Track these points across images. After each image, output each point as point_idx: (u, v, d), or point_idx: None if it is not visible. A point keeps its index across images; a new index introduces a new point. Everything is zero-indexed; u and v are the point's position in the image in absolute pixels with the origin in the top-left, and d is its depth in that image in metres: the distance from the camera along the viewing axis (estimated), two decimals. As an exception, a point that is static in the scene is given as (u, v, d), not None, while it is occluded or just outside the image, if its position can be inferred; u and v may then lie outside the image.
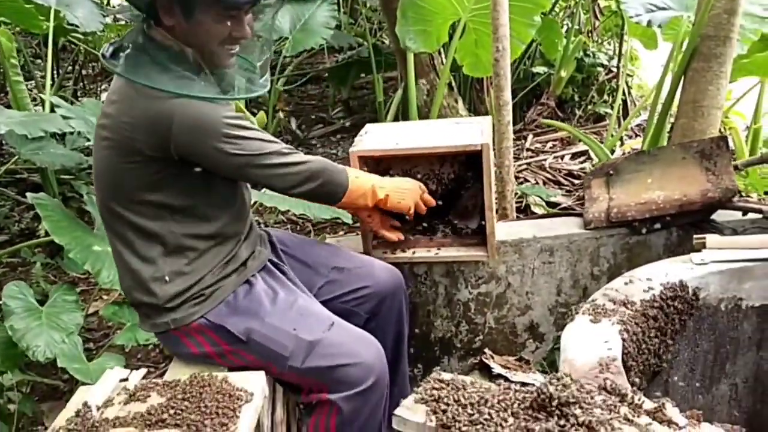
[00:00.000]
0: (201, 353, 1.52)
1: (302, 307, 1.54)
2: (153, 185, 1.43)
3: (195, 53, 1.41)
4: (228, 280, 1.53)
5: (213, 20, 1.38)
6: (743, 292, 1.50)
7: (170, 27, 1.39)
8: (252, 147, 1.42)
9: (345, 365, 1.45)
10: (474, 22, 3.05)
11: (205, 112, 1.37)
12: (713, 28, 2.42)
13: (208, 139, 1.38)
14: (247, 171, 1.45)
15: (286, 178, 1.49)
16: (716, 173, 1.88)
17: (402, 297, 1.82)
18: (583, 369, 1.13)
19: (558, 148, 4.04)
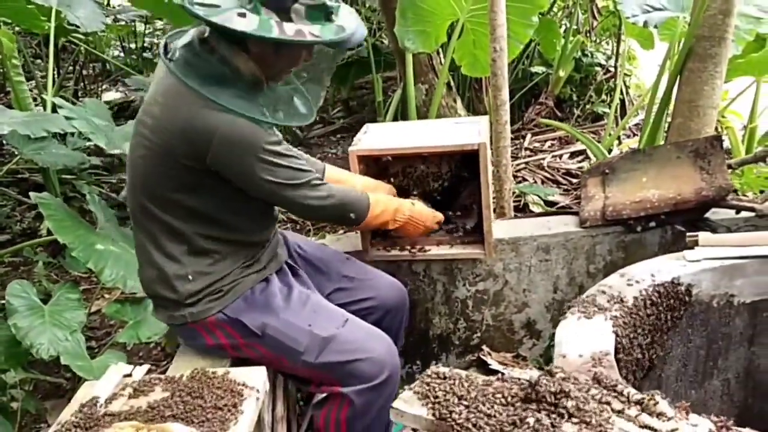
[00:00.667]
0: (216, 345, 1.55)
1: (316, 303, 1.58)
2: (186, 189, 1.45)
3: (259, 72, 1.42)
4: (248, 278, 1.56)
5: (299, 55, 1.43)
6: (735, 289, 1.53)
7: (245, 49, 1.39)
8: (284, 175, 1.45)
9: (358, 360, 1.49)
10: (472, 22, 3.08)
11: (247, 132, 1.38)
12: (708, 29, 2.45)
13: (244, 159, 1.40)
14: (275, 196, 1.49)
15: (310, 209, 1.53)
16: (710, 172, 1.91)
17: (404, 314, 1.86)
18: (577, 363, 1.16)
19: (556, 147, 4.06)
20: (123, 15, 5.14)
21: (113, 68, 5.69)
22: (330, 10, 1.34)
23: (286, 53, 1.40)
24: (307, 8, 1.31)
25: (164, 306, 1.56)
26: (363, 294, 1.77)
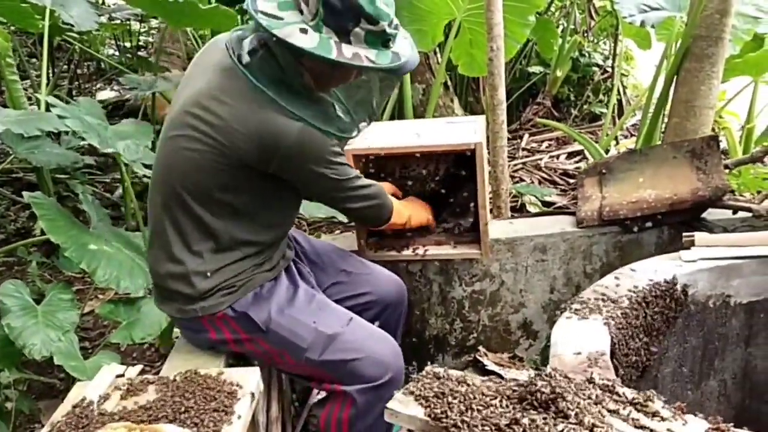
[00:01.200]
0: (219, 339, 1.55)
1: (322, 302, 1.59)
2: (233, 188, 1.46)
3: (313, 84, 1.45)
4: (259, 276, 1.56)
5: (351, 75, 1.47)
6: (731, 289, 1.52)
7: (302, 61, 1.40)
8: (345, 172, 1.53)
9: (360, 359, 1.49)
10: (469, 21, 3.07)
11: (318, 140, 1.43)
12: (705, 29, 2.45)
13: (312, 162, 1.45)
14: (333, 193, 1.57)
15: (359, 200, 1.60)
16: (707, 172, 1.90)
17: (402, 309, 1.88)
18: (572, 363, 1.15)
19: (554, 147, 4.06)
20: (118, 14, 5.12)
21: (108, 67, 5.67)
22: (388, 37, 1.36)
23: (339, 73, 1.44)
24: (366, 33, 1.32)
25: (174, 299, 1.55)
26: (361, 289, 1.77)
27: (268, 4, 1.34)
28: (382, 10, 1.31)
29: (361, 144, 1.90)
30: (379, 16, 1.31)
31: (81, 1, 3.53)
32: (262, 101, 1.37)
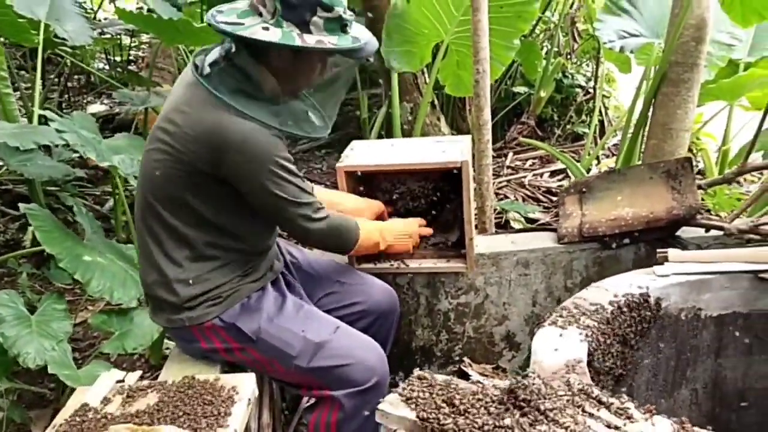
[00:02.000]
0: (210, 348, 1.60)
1: (309, 311, 1.64)
2: (198, 195, 1.51)
3: (278, 87, 1.52)
4: (245, 287, 1.61)
5: (317, 67, 1.52)
6: (702, 303, 1.61)
7: (267, 63, 1.48)
8: (290, 191, 1.51)
9: (348, 365, 1.55)
10: (456, 44, 3.17)
11: (263, 142, 1.45)
12: (682, 55, 2.56)
13: (256, 169, 1.46)
14: (277, 212, 1.54)
15: (307, 230, 1.58)
16: (681, 192, 1.99)
17: (394, 319, 1.93)
18: (551, 370, 1.22)
19: (537, 165, 4.15)
20: (110, 28, 5.18)
21: (98, 81, 5.71)
22: (345, 22, 1.44)
23: (305, 66, 1.50)
24: (325, 21, 1.41)
25: (163, 308, 1.61)
26: (353, 298, 1.83)
27: (228, 17, 1.43)
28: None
29: (352, 161, 1.97)
30: (333, 2, 1.41)
31: (76, 16, 3.58)
32: (218, 106, 1.43)
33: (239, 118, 1.42)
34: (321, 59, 1.53)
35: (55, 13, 3.44)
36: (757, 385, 1.68)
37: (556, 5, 4.90)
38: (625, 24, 2.99)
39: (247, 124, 1.43)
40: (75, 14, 3.57)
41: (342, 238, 1.68)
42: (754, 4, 2.44)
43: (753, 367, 1.67)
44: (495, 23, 2.83)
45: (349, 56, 1.54)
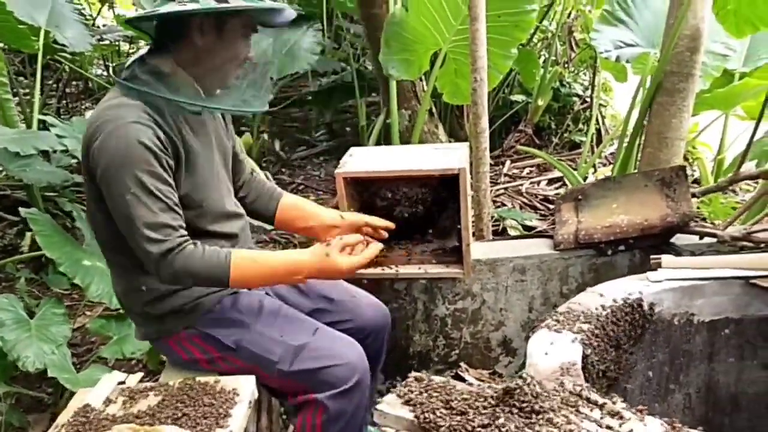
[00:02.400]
0: (190, 359, 1.60)
1: (287, 314, 1.63)
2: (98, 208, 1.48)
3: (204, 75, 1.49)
4: (207, 297, 1.60)
5: (240, 40, 1.48)
6: (695, 308, 1.63)
7: (181, 50, 1.47)
8: (137, 213, 1.37)
9: (330, 366, 1.53)
10: (454, 52, 3.20)
11: (131, 146, 1.35)
12: (677, 65, 2.59)
13: (115, 174, 1.37)
14: (121, 226, 1.42)
15: (155, 264, 1.40)
16: (675, 200, 2.02)
17: (385, 335, 1.90)
18: (546, 372, 1.24)
19: (534, 174, 4.18)
20: (108, 35, 5.21)
21: (96, 87, 5.74)
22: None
23: (220, 47, 1.46)
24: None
25: (137, 322, 1.64)
26: (343, 316, 1.79)
27: None
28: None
29: (350, 167, 1.99)
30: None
31: (76, 23, 3.62)
32: (108, 101, 1.42)
33: (123, 108, 1.39)
34: (238, 27, 1.47)
35: (55, 20, 3.48)
36: (750, 389, 1.70)
37: (553, 15, 4.95)
38: (622, 34, 3.03)
39: (125, 116, 1.37)
40: (74, 21, 3.61)
41: (208, 284, 1.51)
42: (748, 16, 2.48)
43: (745, 372, 1.69)
44: (493, 32, 2.87)
45: (267, 19, 1.52)
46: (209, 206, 1.56)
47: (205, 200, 1.55)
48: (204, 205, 1.55)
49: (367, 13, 3.45)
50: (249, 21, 1.49)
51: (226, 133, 1.70)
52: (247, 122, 4.75)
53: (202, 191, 1.54)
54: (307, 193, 4.03)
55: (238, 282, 1.46)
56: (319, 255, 1.49)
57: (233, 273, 1.43)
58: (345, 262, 1.50)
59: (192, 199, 1.51)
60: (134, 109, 1.40)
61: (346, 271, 1.51)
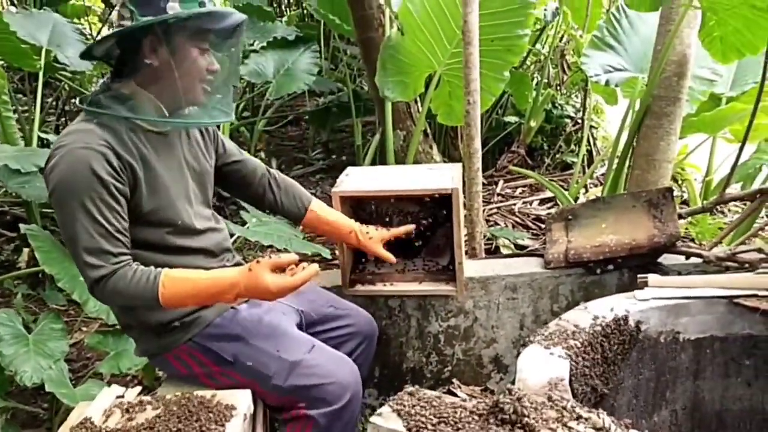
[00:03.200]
0: (189, 374, 1.64)
1: (285, 330, 1.66)
2: None
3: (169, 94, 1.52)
4: (208, 309, 1.64)
5: (195, 54, 1.50)
6: (680, 326, 1.68)
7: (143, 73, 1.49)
8: (80, 237, 1.40)
9: (323, 384, 1.57)
10: (448, 75, 3.27)
11: (79, 171, 1.38)
12: (664, 90, 2.67)
13: (61, 197, 1.40)
14: (67, 248, 1.46)
15: (85, 278, 1.44)
16: (662, 220, 2.08)
17: (374, 344, 1.98)
18: (535, 387, 1.28)
19: (527, 193, 4.24)
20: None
21: (96, 105, 5.78)
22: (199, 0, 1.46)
23: (175, 62, 1.47)
24: (180, 2, 1.43)
25: (135, 338, 1.67)
26: (344, 321, 1.88)
27: None
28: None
29: (346, 187, 2.04)
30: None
31: (77, 42, 3.67)
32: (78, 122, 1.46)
33: (79, 133, 1.42)
34: (186, 38, 1.48)
35: (57, 39, 3.53)
36: (734, 406, 1.74)
37: (546, 38, 5.05)
38: (611, 59, 3.10)
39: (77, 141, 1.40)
40: (75, 40, 3.66)
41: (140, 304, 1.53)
42: (734, 43, 2.55)
43: (730, 389, 1.73)
44: (486, 56, 2.93)
45: (211, 25, 1.51)
46: (177, 224, 1.59)
47: (173, 218, 1.58)
48: (172, 222, 1.58)
49: (364, 36, 3.52)
50: (196, 30, 1.49)
51: (205, 153, 1.73)
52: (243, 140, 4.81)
53: (169, 210, 1.57)
54: (302, 211, 4.07)
55: (169, 301, 1.45)
56: (248, 274, 1.47)
57: (162, 293, 1.43)
58: (273, 282, 1.46)
59: (159, 217, 1.55)
60: (90, 134, 1.43)
61: (275, 291, 1.46)
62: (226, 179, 1.84)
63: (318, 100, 5.41)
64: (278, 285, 1.46)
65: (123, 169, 1.46)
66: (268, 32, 4.31)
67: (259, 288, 1.46)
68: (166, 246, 1.58)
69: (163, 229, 1.57)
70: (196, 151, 1.70)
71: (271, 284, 1.46)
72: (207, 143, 1.75)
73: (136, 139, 1.51)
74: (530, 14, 3.03)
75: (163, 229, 1.57)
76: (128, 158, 1.47)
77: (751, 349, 1.71)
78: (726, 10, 2.45)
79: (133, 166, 1.48)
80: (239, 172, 1.87)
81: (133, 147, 1.49)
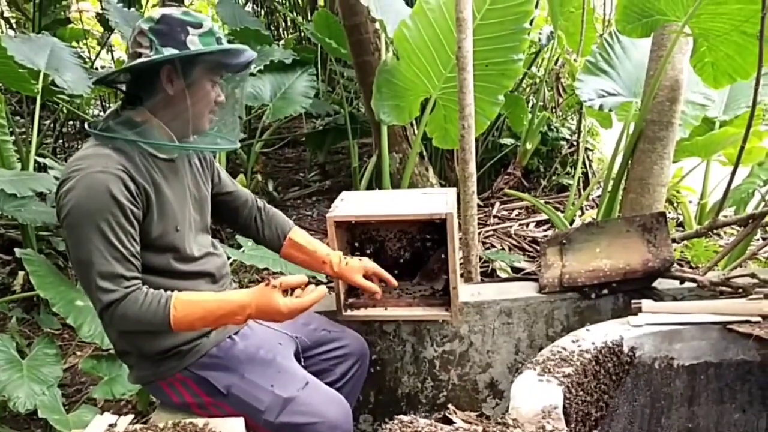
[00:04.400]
0: (182, 403, 1.63)
1: (280, 365, 1.66)
2: None
3: (178, 122, 1.56)
4: (206, 338, 1.64)
5: (207, 86, 1.55)
6: (674, 352, 1.67)
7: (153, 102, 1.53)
8: (92, 259, 1.41)
9: (315, 423, 1.56)
10: (443, 99, 3.30)
11: (96, 196, 1.41)
12: (657, 114, 2.70)
13: (76, 221, 1.41)
14: (76, 270, 1.46)
15: (95, 302, 1.45)
16: (656, 245, 2.08)
17: (366, 364, 1.98)
18: (528, 415, 1.28)
19: (523, 215, 4.26)
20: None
21: (94, 127, 5.80)
22: (218, 35, 1.52)
23: (189, 93, 1.53)
24: (200, 37, 1.49)
25: (131, 365, 1.66)
26: (339, 342, 1.89)
27: None
28: (199, 16, 1.51)
29: (341, 211, 2.05)
30: (199, 19, 1.50)
31: (75, 66, 3.70)
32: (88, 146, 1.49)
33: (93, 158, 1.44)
34: (203, 71, 1.54)
35: (54, 63, 3.56)
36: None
37: (541, 61, 5.10)
38: (604, 84, 3.14)
39: (94, 165, 1.42)
40: (73, 65, 3.69)
41: (151, 328, 1.50)
42: (725, 68, 2.59)
43: (725, 416, 1.73)
44: (480, 80, 2.97)
45: (227, 61, 1.58)
46: (183, 249, 1.62)
47: (178, 244, 1.60)
48: (177, 248, 1.60)
49: (360, 59, 3.56)
50: (213, 65, 1.55)
51: (204, 180, 1.76)
52: (240, 162, 4.83)
53: (176, 236, 1.59)
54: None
55: (180, 324, 1.46)
56: (259, 295, 1.50)
57: (174, 316, 1.45)
58: (284, 303, 1.49)
59: (165, 242, 1.57)
60: (105, 158, 1.46)
61: (286, 312, 1.49)
62: (217, 208, 1.85)
63: (315, 122, 5.45)
64: (289, 307, 1.49)
65: (138, 194, 1.48)
66: (265, 55, 4.35)
67: (271, 309, 1.49)
68: (171, 271, 1.59)
69: (169, 255, 1.59)
70: (197, 178, 1.73)
71: (282, 306, 1.48)
72: (205, 171, 1.78)
73: (148, 165, 1.54)
74: (524, 39, 3.07)
75: (169, 254, 1.59)
76: (143, 183, 1.50)
77: (745, 375, 1.70)
78: (717, 37, 2.49)
79: (147, 191, 1.51)
80: (231, 203, 1.90)
81: (146, 172, 1.53)
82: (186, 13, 1.51)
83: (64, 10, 5.81)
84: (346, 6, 3.45)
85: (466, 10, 2.35)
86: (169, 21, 1.49)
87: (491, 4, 2.97)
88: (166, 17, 1.49)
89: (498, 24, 3.02)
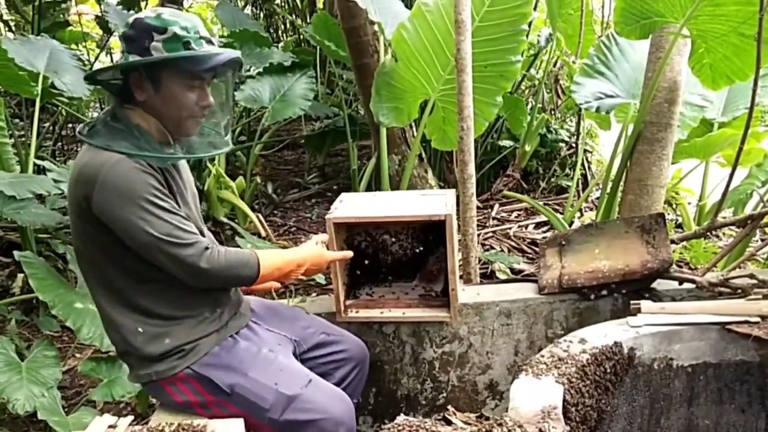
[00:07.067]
0: (184, 402, 1.62)
1: (282, 363, 1.66)
2: (109, 250, 1.53)
3: (165, 124, 1.57)
4: (208, 338, 1.64)
5: (181, 91, 1.54)
6: (674, 353, 1.68)
7: (143, 102, 1.54)
8: (164, 230, 1.46)
9: (319, 420, 1.57)
10: (442, 101, 3.30)
11: (131, 178, 1.44)
12: (655, 116, 2.70)
13: (124, 205, 1.44)
14: (155, 253, 1.48)
15: (200, 272, 1.51)
16: (655, 246, 2.08)
17: (366, 368, 1.98)
18: (528, 416, 1.28)
19: (523, 217, 4.26)
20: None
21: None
22: (186, 40, 1.49)
23: (161, 99, 1.53)
24: (163, 42, 1.48)
25: (131, 365, 1.65)
26: (339, 346, 1.88)
27: None
28: (167, 20, 1.48)
29: (340, 213, 2.05)
30: (165, 23, 1.47)
31: (74, 68, 3.70)
32: (89, 149, 1.50)
33: (102, 153, 1.46)
34: (176, 76, 1.52)
35: (54, 66, 3.56)
36: (730, 433, 1.74)
37: (540, 63, 5.11)
38: (602, 86, 3.14)
39: (108, 157, 1.45)
40: (73, 67, 3.70)
41: (237, 274, 1.58)
42: (723, 69, 2.59)
43: (724, 416, 1.73)
44: (479, 82, 2.97)
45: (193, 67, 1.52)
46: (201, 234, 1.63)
47: (198, 230, 1.62)
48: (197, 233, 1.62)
49: (359, 62, 3.57)
50: (180, 71, 1.52)
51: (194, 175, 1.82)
52: (240, 164, 4.83)
53: (193, 223, 1.61)
54: (299, 235, 4.08)
55: (264, 270, 1.61)
56: (313, 253, 1.78)
57: (262, 263, 1.60)
58: (330, 254, 1.84)
59: None
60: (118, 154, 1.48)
61: (329, 258, 1.84)
62: None
63: (314, 124, 5.45)
64: (332, 257, 1.86)
65: (165, 182, 1.53)
66: (264, 58, 4.36)
67: (322, 261, 1.81)
68: None
69: None
70: (190, 172, 1.77)
71: (327, 256, 1.83)
72: None
73: None
74: (522, 41, 3.07)
75: None
76: (164, 173, 1.55)
77: (744, 376, 1.71)
78: (715, 38, 2.49)
79: (168, 179, 1.55)
80: None
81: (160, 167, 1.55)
82: (158, 17, 1.48)
83: (64, 13, 5.82)
84: (344, 8, 3.45)
85: (465, 12, 2.35)
86: (137, 26, 1.49)
87: (490, 6, 2.98)
88: (136, 22, 1.49)
89: (496, 26, 3.02)
